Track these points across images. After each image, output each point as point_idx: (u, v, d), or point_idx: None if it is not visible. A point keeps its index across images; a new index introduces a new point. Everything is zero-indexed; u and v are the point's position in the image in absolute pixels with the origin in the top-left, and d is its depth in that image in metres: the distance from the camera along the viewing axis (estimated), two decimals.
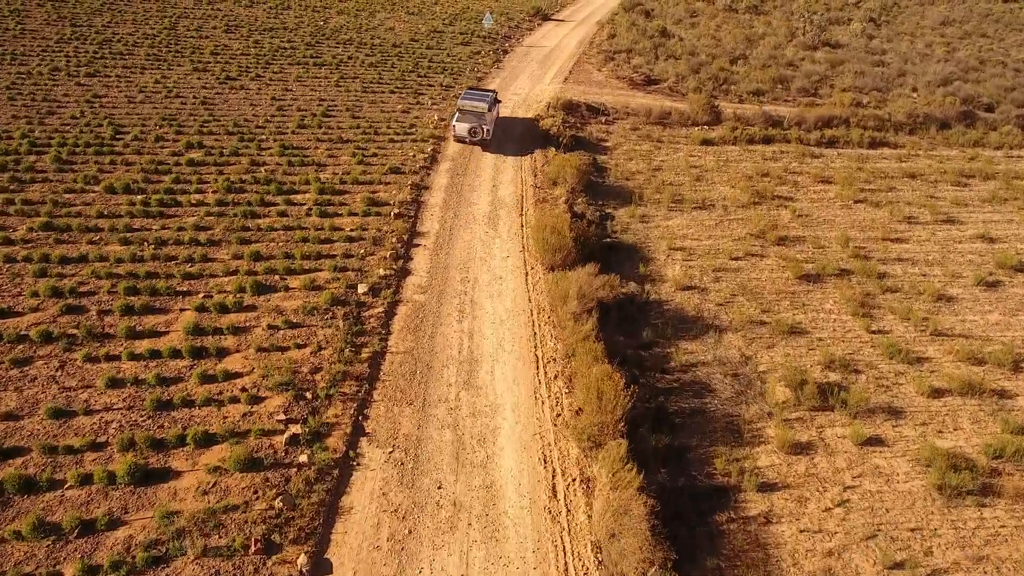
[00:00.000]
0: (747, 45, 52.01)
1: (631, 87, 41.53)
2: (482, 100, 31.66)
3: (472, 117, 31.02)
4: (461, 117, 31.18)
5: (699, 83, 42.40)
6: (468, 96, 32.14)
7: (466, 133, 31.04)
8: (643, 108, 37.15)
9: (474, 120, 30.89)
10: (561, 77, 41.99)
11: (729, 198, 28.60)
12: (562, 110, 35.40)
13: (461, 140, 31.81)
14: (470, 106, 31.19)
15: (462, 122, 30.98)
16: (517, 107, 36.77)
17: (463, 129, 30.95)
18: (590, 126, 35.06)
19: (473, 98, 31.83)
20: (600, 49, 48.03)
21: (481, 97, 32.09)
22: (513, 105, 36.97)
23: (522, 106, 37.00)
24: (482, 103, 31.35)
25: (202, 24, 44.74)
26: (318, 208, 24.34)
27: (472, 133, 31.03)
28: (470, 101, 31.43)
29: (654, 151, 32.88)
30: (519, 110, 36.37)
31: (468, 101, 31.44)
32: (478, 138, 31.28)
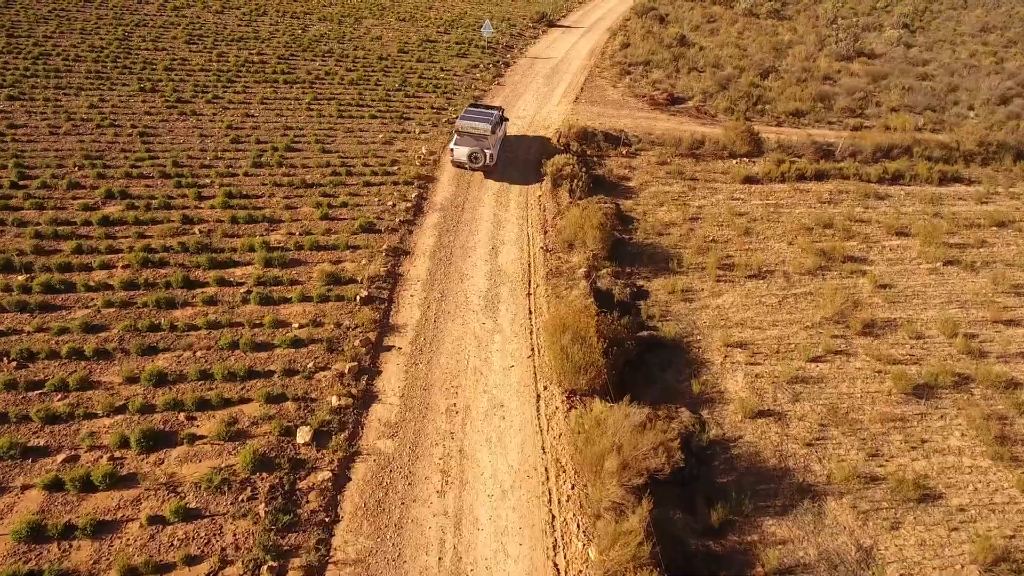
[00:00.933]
0: (775, 55, 45.08)
1: (652, 107, 34.66)
2: (485, 120, 25.32)
3: (473, 140, 25.00)
4: (460, 140, 25.13)
5: (730, 102, 35.55)
6: (469, 115, 25.82)
7: (466, 158, 25.02)
8: (670, 135, 30.31)
9: (475, 143, 24.90)
10: (571, 95, 35.11)
11: (789, 261, 21.84)
12: (575, 139, 28.59)
13: (460, 166, 25.64)
14: (470, 127, 25.07)
15: (461, 145, 24.98)
16: (523, 132, 29.93)
17: (462, 154, 24.96)
18: (609, 159, 28.24)
19: (475, 117, 25.52)
20: (613, 61, 41.09)
21: (484, 116, 25.68)
22: (517, 131, 30.12)
23: (528, 132, 30.16)
24: (485, 123, 25.10)
25: (161, 34, 37.78)
26: (260, 291, 17.58)
27: (473, 159, 24.93)
28: (471, 121, 25.20)
29: (688, 192, 26.09)
30: (525, 135, 29.55)
31: (468, 121, 25.21)
32: (480, 164, 25.11)
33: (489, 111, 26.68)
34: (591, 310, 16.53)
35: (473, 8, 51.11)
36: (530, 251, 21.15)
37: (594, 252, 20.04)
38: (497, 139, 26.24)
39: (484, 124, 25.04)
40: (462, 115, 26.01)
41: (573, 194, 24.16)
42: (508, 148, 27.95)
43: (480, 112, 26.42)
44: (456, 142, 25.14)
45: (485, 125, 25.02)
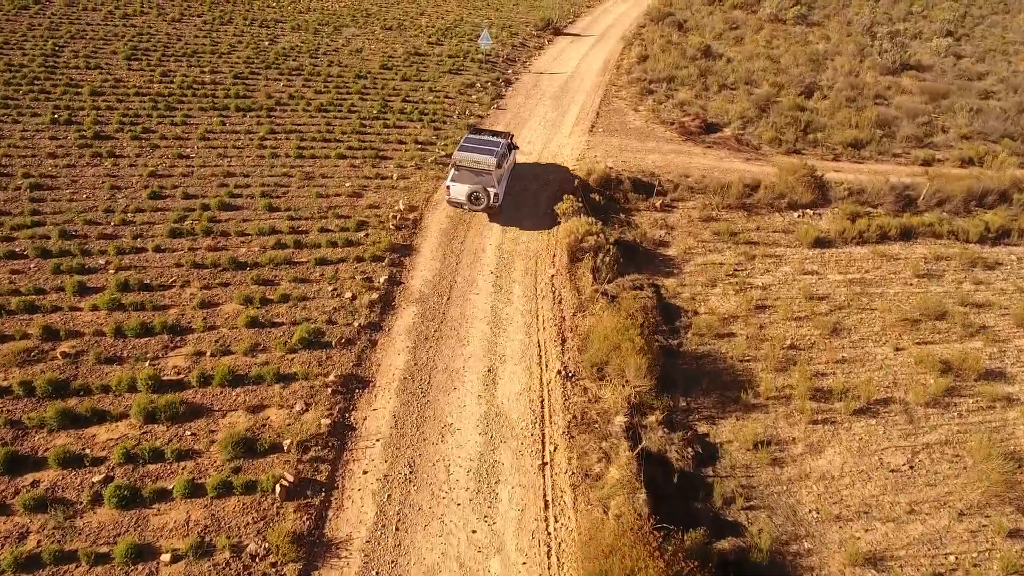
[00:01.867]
0: (813, 68, 37.96)
1: (683, 136, 27.62)
2: (489, 151, 19.68)
3: (474, 176, 19.36)
4: (459, 175, 19.53)
5: (775, 130, 28.50)
6: (470, 145, 20.15)
7: (465, 199, 19.54)
8: (711, 178, 23.32)
9: (476, 180, 19.32)
10: (586, 122, 28.06)
11: (903, 381, 14.97)
12: (596, 188, 21.61)
13: (457, 206, 20.02)
14: (471, 161, 19.32)
15: (460, 182, 19.48)
16: (529, 168, 22.98)
17: (460, 193, 19.54)
18: (640, 214, 21.26)
19: (476, 148, 19.88)
20: (632, 77, 33.96)
21: (487, 146, 20.05)
22: (522, 170, 23.16)
23: (535, 169, 23.20)
24: (488, 156, 19.39)
25: (99, 47, 30.64)
26: (123, 482, 10.74)
27: (474, 199, 19.48)
28: (472, 153, 19.50)
29: (745, 263, 19.14)
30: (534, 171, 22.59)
31: (469, 153, 19.51)
32: (482, 205, 19.59)
33: (494, 140, 20.71)
34: (646, 535, 9.64)
35: (470, 14, 43.86)
36: (543, 376, 14.21)
37: (637, 389, 13.13)
38: (504, 173, 20.53)
39: (488, 157, 19.24)
40: (461, 144, 20.16)
41: (598, 274, 17.23)
42: (516, 179, 21.17)
43: (483, 141, 20.39)
44: (453, 178, 19.51)
45: (489, 158, 19.19)
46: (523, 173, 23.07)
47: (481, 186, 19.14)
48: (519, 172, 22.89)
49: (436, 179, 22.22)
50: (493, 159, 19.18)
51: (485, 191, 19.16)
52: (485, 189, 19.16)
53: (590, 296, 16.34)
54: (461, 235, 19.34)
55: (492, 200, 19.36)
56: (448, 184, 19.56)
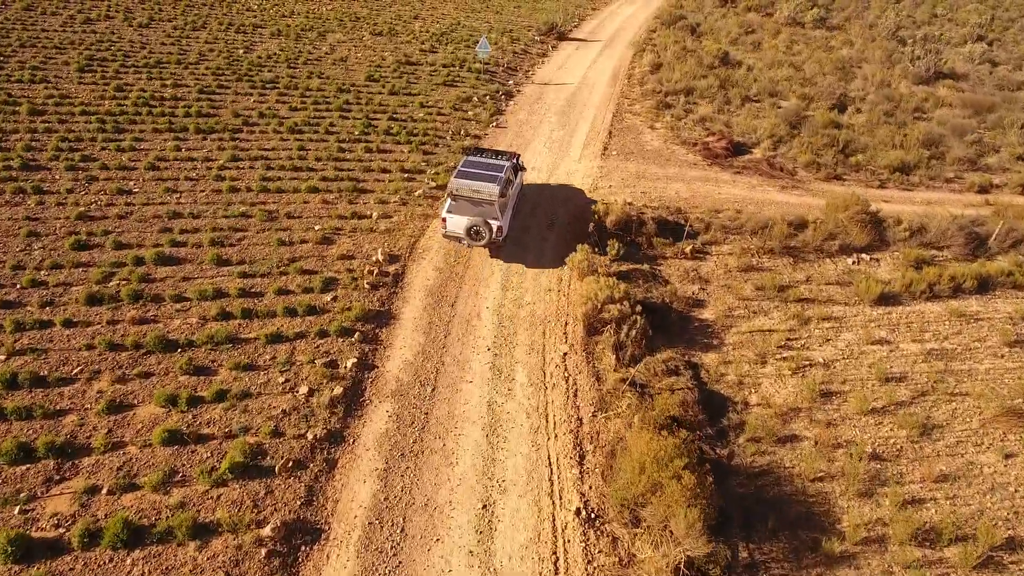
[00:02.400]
0: (840, 76, 33.99)
1: (708, 160, 23.68)
2: (491, 177, 16.27)
3: (473, 207, 15.99)
4: (456, 206, 16.20)
5: (811, 151, 24.57)
6: (469, 169, 16.69)
7: (463, 233, 16.16)
8: (746, 212, 19.43)
9: (476, 211, 15.98)
10: (597, 143, 24.11)
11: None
12: (614, 233, 17.68)
13: (455, 240, 16.72)
14: (470, 189, 15.92)
15: (457, 214, 16.15)
16: (536, 203, 19.10)
17: (458, 226, 16.21)
18: (667, 263, 17.36)
19: (477, 173, 16.40)
20: (645, 89, 29.99)
21: (490, 171, 16.58)
22: (527, 205, 19.28)
23: (543, 202, 19.31)
24: (490, 184, 15.95)
25: (51, 57, 26.65)
26: None
27: (473, 234, 16.13)
28: (471, 181, 16.08)
29: (799, 330, 15.26)
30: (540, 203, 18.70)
31: (468, 181, 16.08)
32: (483, 241, 16.20)
33: (497, 163, 17.19)
34: None
35: (468, 18, 39.80)
36: (556, 516, 10.35)
37: (688, 552, 9.26)
38: (509, 202, 17.05)
39: (489, 185, 15.88)
40: (459, 168, 16.79)
41: (622, 352, 13.36)
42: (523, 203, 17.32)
43: (484, 165, 16.92)
44: (450, 209, 16.23)
45: (491, 187, 15.84)
46: (529, 195, 19.20)
47: (482, 219, 15.75)
48: (525, 193, 19.10)
49: (424, 217, 18.35)
50: (496, 187, 15.68)
51: (487, 224, 15.74)
52: (487, 222, 15.74)
53: (613, 387, 12.49)
54: (451, 294, 15.46)
55: (495, 235, 15.90)
56: (444, 215, 16.14)
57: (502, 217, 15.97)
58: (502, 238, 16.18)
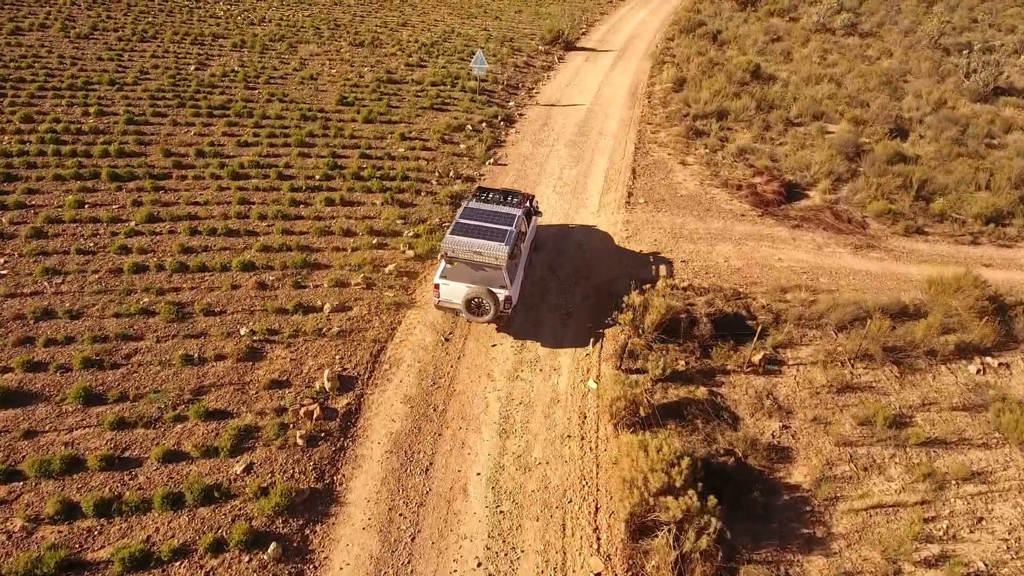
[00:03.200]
0: (887, 93, 28.57)
1: (758, 207, 18.29)
2: (498, 232, 12.20)
3: (474, 272, 11.84)
4: (452, 272, 12.03)
5: (882, 194, 19.23)
6: (470, 220, 12.60)
7: (461, 306, 11.96)
8: (821, 292, 14.17)
9: (479, 278, 11.83)
10: (619, 186, 18.72)
11: None
12: (653, 335, 12.34)
13: (451, 312, 12.56)
14: (471, 250, 11.81)
15: (454, 280, 12.01)
16: (546, 261, 13.78)
17: (455, 295, 12.05)
18: (729, 382, 12.03)
19: (479, 226, 12.32)
20: (669, 110, 24.57)
21: (497, 222, 12.50)
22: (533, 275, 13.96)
23: (554, 262, 13.99)
24: (497, 243, 11.87)
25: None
26: None
27: (474, 308, 11.91)
28: (472, 238, 12.00)
29: (936, 502, 10.01)
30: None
31: (467, 239, 12.00)
32: (487, 316, 11.94)
33: (507, 211, 13.04)
34: None
35: (463, 24, 34.24)
36: None
37: None
38: (520, 261, 12.90)
39: (497, 245, 11.80)
40: (457, 220, 12.66)
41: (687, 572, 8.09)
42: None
43: (490, 215, 12.74)
44: (445, 273, 12.10)
45: (498, 247, 11.75)
46: (538, 266, 13.89)
47: (485, 289, 11.60)
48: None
49: (395, 309, 13.04)
50: (504, 248, 11.63)
51: (491, 296, 11.60)
52: (491, 293, 11.60)
53: None
54: (426, 448, 10.19)
55: (502, 307, 11.80)
56: (437, 282, 12.01)
57: (511, 284, 11.77)
58: (510, 311, 11.96)
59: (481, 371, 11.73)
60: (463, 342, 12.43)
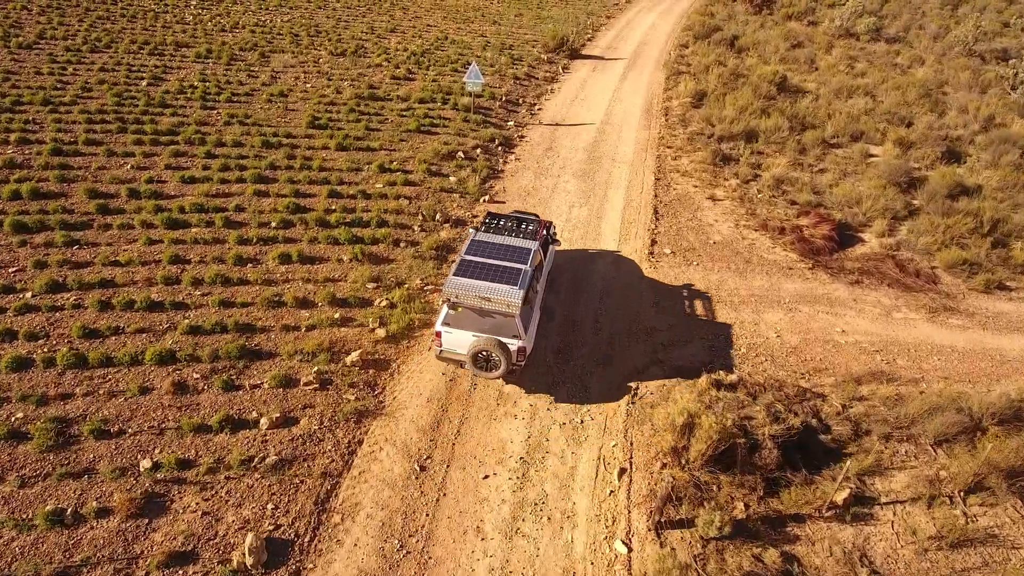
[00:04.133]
0: (928, 107, 25.09)
1: (807, 257, 14.81)
2: (511, 273, 9.74)
3: (481, 321, 9.33)
4: (456, 319, 9.59)
5: (949, 238, 15.80)
6: (476, 257, 10.17)
7: (468, 359, 9.52)
8: (904, 381, 10.76)
9: (487, 326, 9.31)
10: (640, 230, 15.25)
11: None
12: (699, 472, 8.93)
13: (455, 363, 10.13)
14: (478, 296, 9.29)
15: (458, 328, 9.56)
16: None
17: (459, 345, 9.65)
18: (805, 536, 8.62)
19: (488, 265, 9.84)
20: (690, 130, 21.09)
21: (509, 260, 10.05)
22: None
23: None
24: (510, 288, 9.40)
25: None
26: None
27: (481, 362, 9.51)
28: (476, 282, 9.50)
29: None
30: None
31: (471, 282, 9.50)
32: (497, 372, 9.52)
33: (521, 244, 10.75)
34: None
35: (458, 30, 30.68)
36: None
37: None
38: (536, 303, 10.64)
39: (509, 289, 9.57)
40: (463, 257, 10.35)
41: None
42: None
43: (502, 249, 10.50)
44: (448, 320, 9.85)
45: (511, 291, 9.52)
46: (550, 304, 10.46)
47: (495, 341, 9.47)
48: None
49: (357, 421, 9.63)
50: (517, 293, 9.49)
51: (502, 349, 9.47)
52: (502, 345, 9.48)
53: None
54: None
55: (514, 360, 9.65)
56: (439, 329, 9.94)
57: (525, 332, 9.67)
58: (522, 365, 9.84)
59: (468, 521, 8.34)
60: (444, 472, 9.03)
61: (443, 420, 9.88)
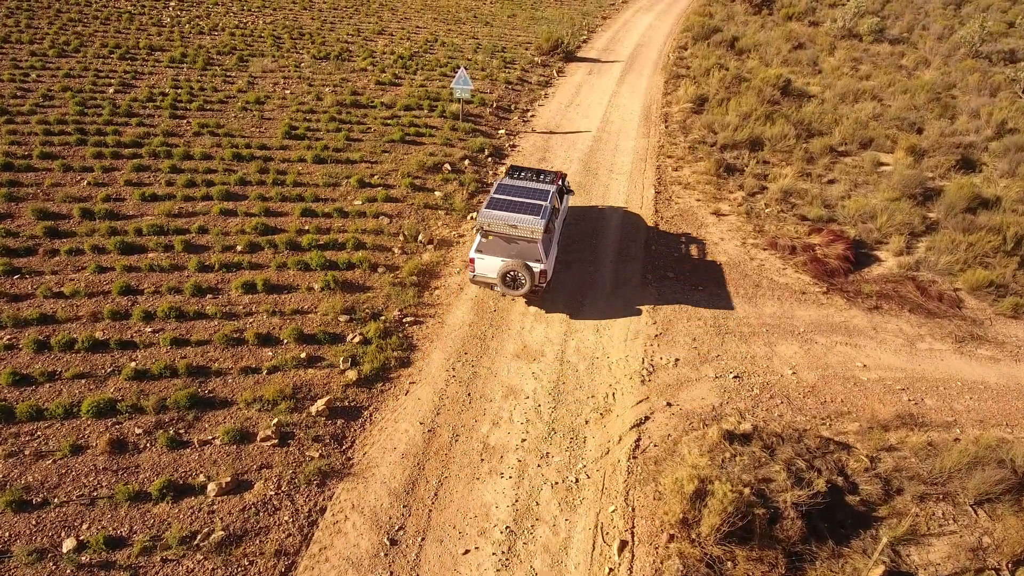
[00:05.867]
0: (938, 112, 23.93)
1: (820, 281, 13.59)
2: (533, 207, 11.29)
3: (508, 246, 10.97)
4: (488, 245, 11.19)
5: (972, 256, 14.61)
6: (504, 196, 11.63)
7: (497, 278, 11.14)
8: (935, 429, 9.54)
9: (514, 251, 10.97)
10: (638, 252, 14.06)
11: None
12: (700, 555, 7.72)
13: (486, 286, 11.63)
14: (506, 224, 10.84)
15: (490, 254, 11.19)
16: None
17: (490, 269, 11.25)
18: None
19: (514, 201, 11.37)
20: (690, 138, 19.88)
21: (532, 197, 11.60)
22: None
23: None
24: (532, 216, 10.99)
25: None
26: None
27: (509, 281, 11.11)
28: (506, 212, 11.02)
29: None
30: None
31: (501, 213, 11.03)
32: (522, 289, 11.10)
33: (540, 186, 12.22)
34: None
35: (449, 31, 29.39)
36: None
37: None
38: (555, 237, 12.22)
39: (532, 219, 10.93)
40: (492, 196, 11.69)
41: None
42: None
43: (525, 190, 11.93)
44: (480, 247, 11.25)
45: (533, 220, 10.90)
46: (538, 342, 9.22)
47: (521, 262, 10.93)
48: None
49: (320, 484, 8.39)
50: (539, 221, 10.91)
51: (527, 269, 10.91)
52: (527, 266, 10.91)
53: None
54: None
55: (537, 281, 11.09)
56: (472, 256, 11.30)
57: (546, 257, 11.17)
58: (545, 284, 11.23)
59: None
60: (418, 546, 7.78)
61: (419, 480, 8.64)
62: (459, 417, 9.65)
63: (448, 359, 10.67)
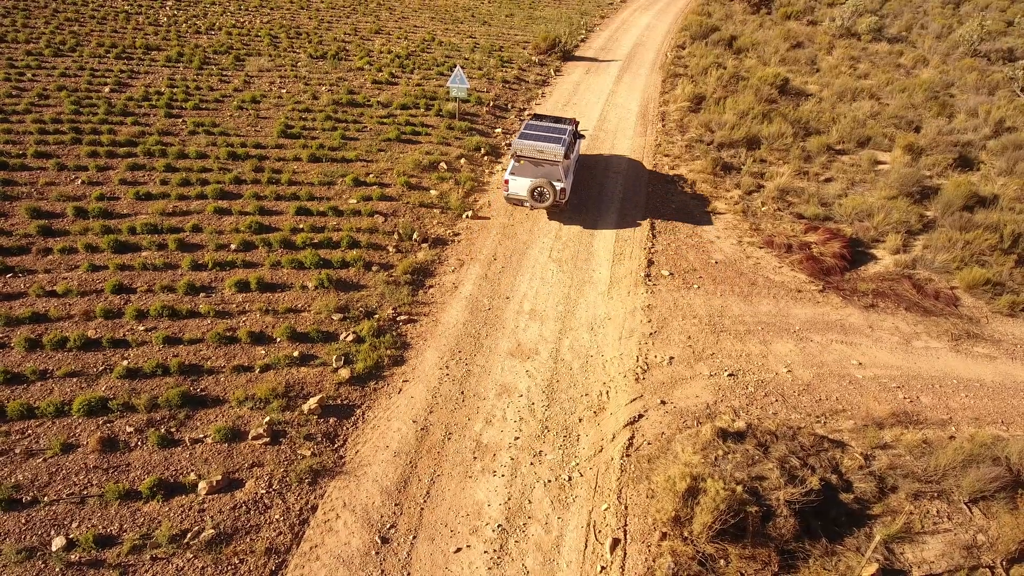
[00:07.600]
0: (936, 110, 23.90)
1: (816, 279, 13.56)
2: (554, 139, 14.31)
3: (536, 168, 13.96)
4: (519, 168, 14.09)
5: (969, 255, 14.58)
6: (532, 131, 14.74)
7: (527, 195, 14.07)
8: (929, 425, 9.52)
9: (540, 172, 13.95)
10: (635, 250, 14.03)
11: None
12: (692, 554, 7.68)
13: (517, 203, 14.51)
14: (534, 149, 13.93)
15: (521, 175, 14.09)
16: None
17: (521, 188, 14.13)
18: None
19: (540, 135, 14.49)
20: (687, 136, 19.88)
21: (553, 133, 14.63)
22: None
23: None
24: (554, 144, 14.01)
25: None
26: None
27: (537, 195, 14.02)
28: (535, 141, 14.14)
29: None
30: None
31: (531, 142, 14.13)
32: (547, 202, 14.06)
33: (559, 126, 15.16)
34: None
35: (446, 31, 29.38)
36: None
37: None
38: (571, 165, 14.78)
39: (553, 146, 13.92)
40: (522, 131, 14.81)
41: None
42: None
43: (547, 128, 14.92)
44: (513, 170, 14.16)
45: (555, 147, 13.88)
46: (532, 340, 9.19)
47: (546, 180, 13.83)
48: None
49: (312, 482, 8.36)
50: (560, 147, 13.80)
51: (551, 185, 13.83)
52: (550, 183, 13.82)
53: None
54: None
55: (558, 196, 13.95)
56: (507, 177, 14.15)
57: (565, 179, 13.91)
58: (564, 200, 14.04)
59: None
60: (410, 544, 7.76)
61: (411, 478, 8.61)
62: (452, 415, 9.62)
63: (442, 357, 10.65)
